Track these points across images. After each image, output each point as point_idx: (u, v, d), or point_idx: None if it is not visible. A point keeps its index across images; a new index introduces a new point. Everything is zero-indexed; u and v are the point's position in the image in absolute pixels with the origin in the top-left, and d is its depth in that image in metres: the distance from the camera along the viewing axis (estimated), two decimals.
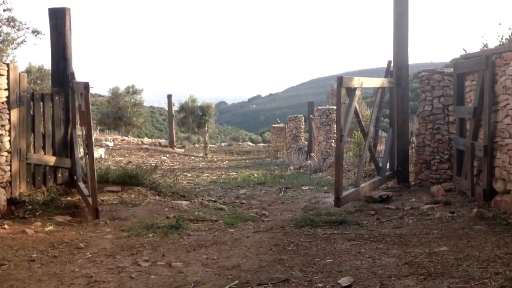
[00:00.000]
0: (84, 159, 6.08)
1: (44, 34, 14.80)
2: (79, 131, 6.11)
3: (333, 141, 13.40)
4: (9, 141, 5.18)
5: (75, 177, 5.98)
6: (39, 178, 5.62)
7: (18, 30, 14.95)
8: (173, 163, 15.16)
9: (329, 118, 13.98)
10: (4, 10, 14.52)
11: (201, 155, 19.61)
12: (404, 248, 3.85)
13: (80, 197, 5.60)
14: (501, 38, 6.59)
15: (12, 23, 14.61)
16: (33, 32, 15.07)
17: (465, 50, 6.17)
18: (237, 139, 34.42)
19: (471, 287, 2.87)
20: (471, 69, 5.56)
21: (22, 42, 15.02)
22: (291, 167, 13.40)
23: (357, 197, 5.85)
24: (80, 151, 6.44)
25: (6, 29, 14.79)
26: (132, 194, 6.05)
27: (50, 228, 4.66)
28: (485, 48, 6.42)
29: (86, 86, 4.95)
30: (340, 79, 5.27)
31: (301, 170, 12.59)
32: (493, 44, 6.85)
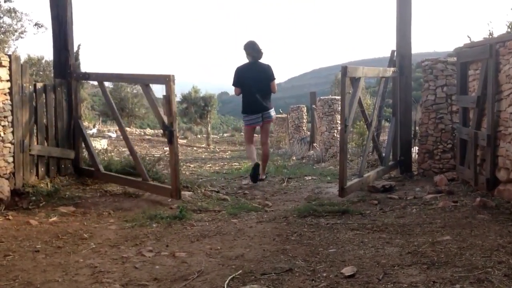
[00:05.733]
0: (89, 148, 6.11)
1: (46, 28, 14.79)
2: (83, 123, 6.13)
3: (335, 131, 13.39)
4: (12, 132, 5.18)
5: (83, 166, 6.14)
6: (42, 169, 5.64)
7: (19, 21, 14.93)
8: None
9: (331, 108, 13.96)
10: (5, 1, 14.49)
11: (203, 145, 19.63)
12: (407, 238, 3.85)
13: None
14: (510, 25, 6.49)
15: (13, 14, 14.60)
16: (35, 25, 15.04)
17: (469, 38, 6.13)
18: (240, 130, 34.42)
19: (475, 276, 2.87)
20: (475, 58, 5.53)
21: (22, 33, 15.01)
22: (294, 158, 13.40)
23: (361, 187, 5.85)
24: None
25: (7, 20, 14.78)
26: None
27: (54, 219, 4.68)
28: (491, 36, 6.35)
29: (173, 78, 5.27)
30: (344, 69, 5.26)
31: (303, 161, 12.59)
32: (500, 31, 6.76)
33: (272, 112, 7.06)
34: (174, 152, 5.35)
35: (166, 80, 5.26)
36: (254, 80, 6.83)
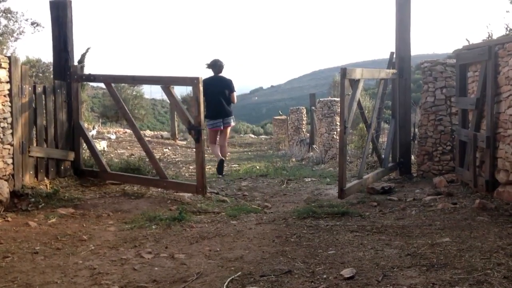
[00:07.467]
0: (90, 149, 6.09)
1: (43, 27, 14.73)
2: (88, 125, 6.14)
3: (335, 133, 13.38)
4: (11, 134, 5.18)
5: (83, 167, 6.13)
6: (41, 170, 5.63)
7: (15, 21, 14.86)
8: (175, 155, 15.17)
9: (331, 110, 13.95)
10: (0, 2, 14.43)
11: None
12: (406, 239, 3.86)
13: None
14: (507, 28, 6.53)
15: (8, 15, 14.52)
16: (32, 24, 14.98)
17: (468, 41, 6.15)
18: (239, 131, 34.40)
19: (474, 277, 2.87)
20: (474, 60, 5.53)
21: (21, 34, 14.94)
22: (293, 159, 13.39)
23: (360, 189, 5.85)
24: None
25: (3, 21, 14.71)
26: (135, 186, 6.07)
27: (53, 220, 4.68)
28: (490, 38, 6.37)
29: (201, 80, 5.45)
30: (343, 71, 5.27)
31: (303, 162, 12.58)
32: (499, 34, 6.78)
33: (232, 119, 8.24)
34: (201, 151, 5.51)
35: (195, 82, 5.41)
36: (217, 91, 7.92)
